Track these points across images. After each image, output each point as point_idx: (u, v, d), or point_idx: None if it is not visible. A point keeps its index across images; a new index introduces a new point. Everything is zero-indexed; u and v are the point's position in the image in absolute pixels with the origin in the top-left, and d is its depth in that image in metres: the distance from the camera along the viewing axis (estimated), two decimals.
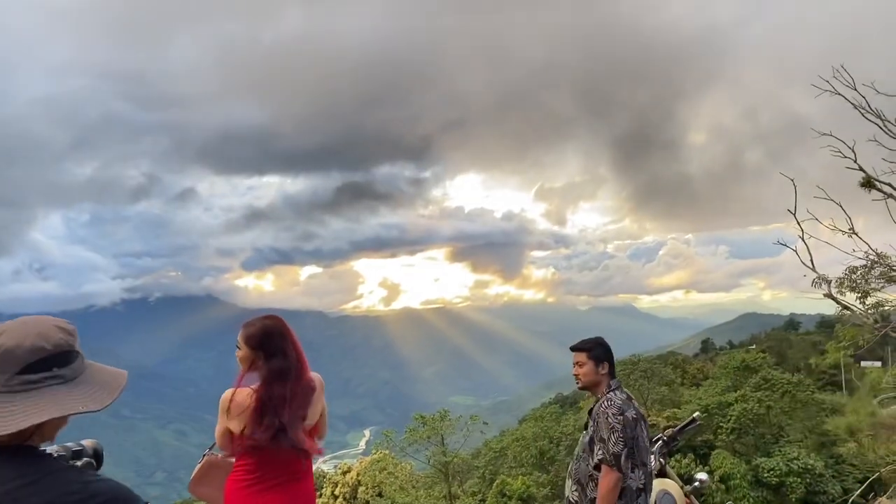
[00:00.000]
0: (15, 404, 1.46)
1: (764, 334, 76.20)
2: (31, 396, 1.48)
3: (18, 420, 1.45)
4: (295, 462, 2.90)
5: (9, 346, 1.49)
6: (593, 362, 3.67)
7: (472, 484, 39.74)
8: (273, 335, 2.94)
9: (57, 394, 1.51)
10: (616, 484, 3.39)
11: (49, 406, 1.49)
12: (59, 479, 1.49)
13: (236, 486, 2.89)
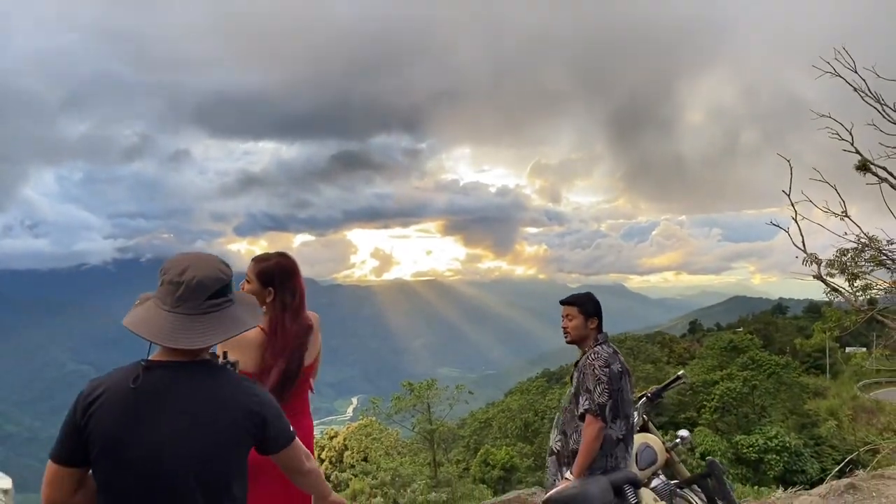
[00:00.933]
0: (209, 323, 1.79)
1: (751, 317, 76.86)
2: (216, 317, 1.81)
3: (212, 336, 1.78)
4: (295, 398, 2.89)
5: (200, 276, 1.80)
6: (583, 317, 3.71)
7: (457, 453, 40.20)
8: (287, 273, 2.92)
9: (233, 314, 1.86)
10: (599, 433, 3.46)
11: (234, 323, 1.84)
12: (243, 387, 1.85)
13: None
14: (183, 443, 1.73)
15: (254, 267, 2.91)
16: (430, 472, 33.74)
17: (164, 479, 1.72)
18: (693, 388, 36.26)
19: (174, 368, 1.79)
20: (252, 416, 1.80)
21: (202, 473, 1.74)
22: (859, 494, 6.00)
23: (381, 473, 32.02)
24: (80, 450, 1.73)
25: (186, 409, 1.75)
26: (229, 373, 1.88)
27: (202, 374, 1.81)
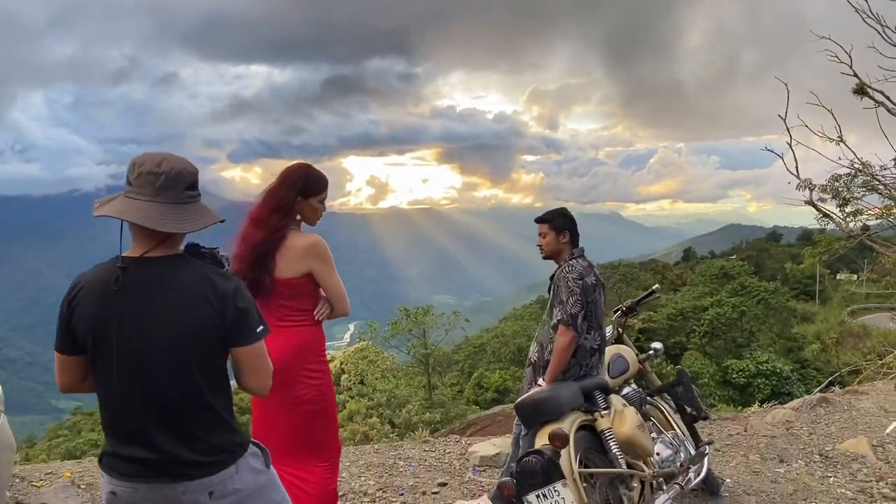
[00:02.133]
0: (190, 212, 1.85)
1: (745, 244, 77.30)
2: (193, 207, 1.87)
3: (197, 222, 1.85)
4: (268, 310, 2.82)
5: (178, 168, 1.85)
6: (554, 232, 3.74)
7: (452, 376, 41.06)
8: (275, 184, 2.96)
9: (204, 207, 1.92)
10: (570, 343, 3.52)
11: (209, 214, 1.90)
12: (216, 277, 1.87)
13: None
14: (157, 333, 1.79)
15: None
16: (425, 394, 34.57)
17: (141, 369, 1.80)
18: (683, 314, 36.79)
19: (149, 262, 1.85)
20: (221, 304, 1.83)
21: (177, 364, 1.80)
22: (831, 407, 6.20)
23: (376, 395, 32.80)
24: (70, 340, 1.86)
25: (159, 301, 1.81)
26: (203, 265, 1.91)
27: (176, 267, 1.86)
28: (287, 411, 2.85)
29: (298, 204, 2.97)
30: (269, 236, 2.90)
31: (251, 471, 1.94)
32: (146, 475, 1.82)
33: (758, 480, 4.51)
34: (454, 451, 5.28)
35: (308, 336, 2.93)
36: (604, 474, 3.20)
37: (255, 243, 2.88)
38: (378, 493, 4.27)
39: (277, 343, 2.78)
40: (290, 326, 2.89)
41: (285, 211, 2.95)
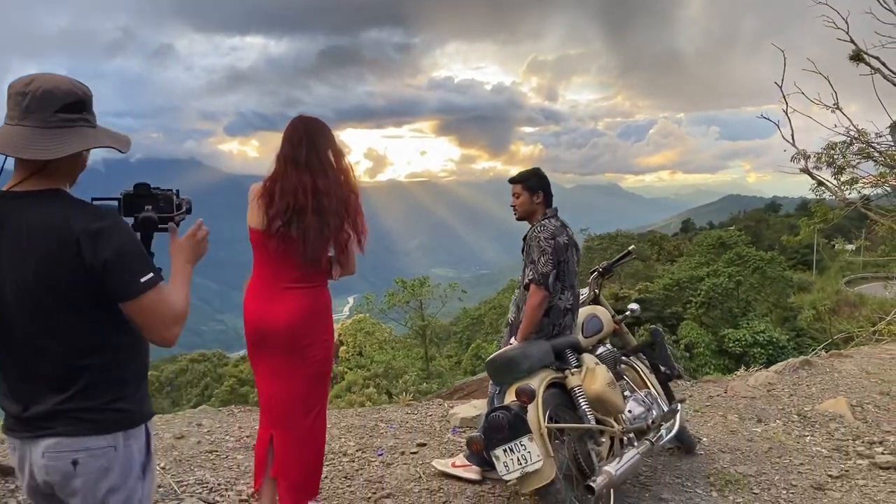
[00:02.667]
0: (56, 138, 1.62)
1: (743, 215, 77.18)
2: (67, 133, 1.64)
3: (66, 147, 1.62)
4: (305, 269, 2.78)
5: (48, 87, 1.64)
6: (528, 192, 3.72)
7: (450, 348, 41.30)
8: (296, 127, 2.83)
9: (89, 132, 1.69)
10: (541, 302, 3.52)
11: (88, 139, 1.67)
12: (83, 214, 1.63)
13: (249, 288, 2.90)
14: (5, 281, 1.60)
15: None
16: (423, 365, 34.84)
17: (5, 312, 1.62)
18: (679, 284, 36.84)
19: (14, 198, 1.65)
20: (83, 248, 1.58)
21: (27, 317, 1.61)
22: (813, 370, 6.23)
23: (374, 366, 33.08)
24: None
25: (10, 242, 1.60)
26: (73, 200, 1.68)
27: (43, 204, 1.63)
28: (297, 374, 2.85)
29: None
30: (315, 185, 2.77)
31: (125, 454, 1.71)
32: (17, 430, 1.68)
33: (734, 439, 4.55)
34: (436, 414, 5.32)
35: (326, 298, 2.94)
36: (572, 430, 3.22)
37: (292, 189, 2.74)
38: (357, 453, 4.31)
39: (297, 303, 2.80)
40: (310, 287, 2.86)
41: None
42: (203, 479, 3.72)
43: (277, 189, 2.73)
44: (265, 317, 2.79)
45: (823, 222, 16.06)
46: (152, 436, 1.82)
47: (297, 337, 2.79)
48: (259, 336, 2.82)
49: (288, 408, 2.88)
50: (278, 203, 2.71)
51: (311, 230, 2.69)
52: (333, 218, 2.73)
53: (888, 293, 24.01)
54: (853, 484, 3.88)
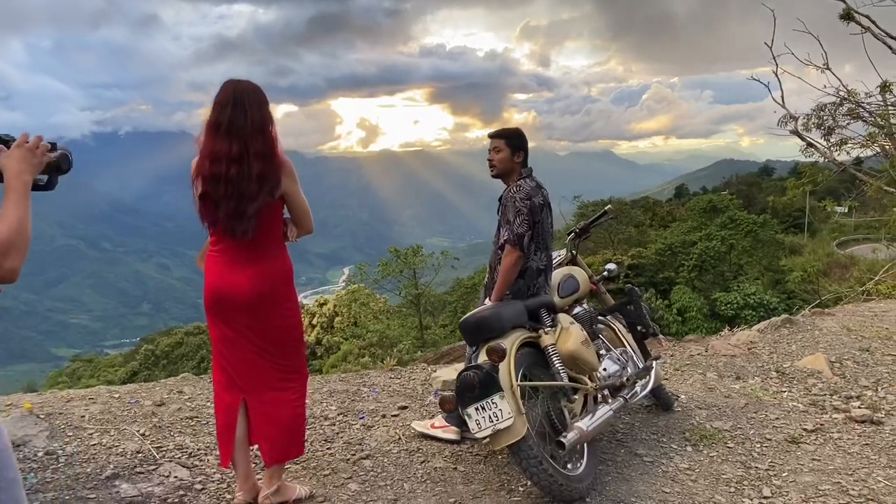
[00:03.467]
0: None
1: (736, 179, 77.10)
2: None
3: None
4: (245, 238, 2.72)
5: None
6: (510, 149, 3.69)
7: (445, 317, 41.42)
8: (221, 92, 2.70)
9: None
10: (516, 262, 3.52)
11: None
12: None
13: (209, 259, 2.86)
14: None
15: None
16: (417, 334, 35.01)
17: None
18: (672, 249, 36.96)
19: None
20: None
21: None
22: (795, 328, 6.28)
23: (368, 336, 33.24)
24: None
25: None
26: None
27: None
28: (261, 344, 2.85)
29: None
30: (230, 153, 2.67)
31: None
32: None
33: (711, 396, 4.60)
34: (419, 378, 5.35)
35: (282, 265, 2.90)
36: (545, 387, 3.25)
37: (210, 155, 2.67)
38: (339, 417, 4.34)
39: (253, 272, 2.77)
40: (265, 255, 2.82)
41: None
42: (183, 444, 3.75)
43: (200, 158, 2.69)
44: (223, 287, 2.76)
45: (812, 184, 16.03)
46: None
47: (257, 306, 2.76)
48: (218, 307, 2.79)
49: (260, 375, 2.88)
50: (200, 172, 2.67)
51: (227, 199, 2.63)
52: (252, 185, 2.63)
53: (879, 255, 24.13)
54: (828, 437, 3.93)
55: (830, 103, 14.14)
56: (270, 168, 2.66)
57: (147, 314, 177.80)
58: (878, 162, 14.30)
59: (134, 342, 73.03)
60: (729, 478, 3.40)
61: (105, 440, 3.74)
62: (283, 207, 2.84)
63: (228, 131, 2.64)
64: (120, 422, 4.06)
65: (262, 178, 2.64)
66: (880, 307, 7.51)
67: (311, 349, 36.77)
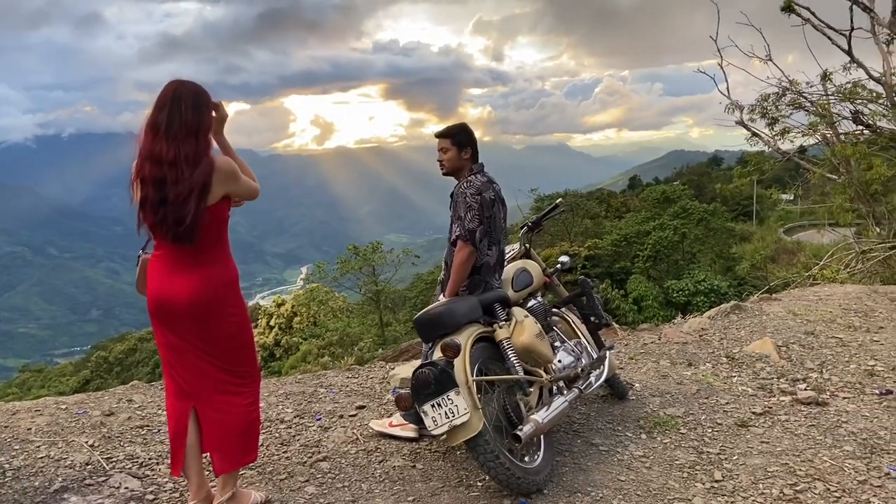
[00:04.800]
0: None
1: (687, 169, 78.77)
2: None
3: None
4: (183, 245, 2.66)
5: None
6: (456, 147, 3.69)
7: (406, 313, 41.33)
8: (164, 91, 2.63)
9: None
10: (468, 258, 3.52)
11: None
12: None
13: (150, 263, 2.77)
14: None
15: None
16: (378, 331, 34.86)
17: None
18: (627, 239, 37.54)
19: None
20: None
21: None
22: (743, 314, 6.43)
23: (328, 335, 32.96)
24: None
25: None
26: None
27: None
28: (208, 350, 2.78)
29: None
30: (164, 156, 2.61)
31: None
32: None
33: (664, 383, 4.69)
34: (377, 377, 5.32)
35: (225, 270, 2.83)
36: (501, 381, 3.26)
37: (146, 157, 2.60)
38: (295, 419, 4.29)
39: (195, 278, 2.69)
40: (205, 260, 2.72)
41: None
42: (133, 454, 3.66)
43: (140, 159, 2.62)
44: (164, 294, 2.68)
45: (759, 172, 16.43)
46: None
47: (199, 314, 2.69)
48: (160, 314, 2.71)
49: (209, 382, 2.81)
50: (140, 174, 2.61)
51: (166, 204, 2.57)
52: (186, 190, 2.55)
53: (823, 240, 24.89)
54: (775, 420, 4.04)
55: (773, 94, 14.49)
56: (200, 173, 2.59)
57: (97, 321, 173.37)
58: (821, 150, 14.70)
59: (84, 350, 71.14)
60: (682, 463, 3.46)
61: (53, 453, 3.63)
62: (227, 209, 2.78)
63: (167, 133, 2.57)
64: (68, 433, 3.94)
65: (193, 184, 2.57)
66: (824, 291, 7.75)
67: (270, 350, 36.33)
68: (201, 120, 2.64)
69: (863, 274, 11.42)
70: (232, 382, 2.86)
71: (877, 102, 12.33)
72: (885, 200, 12.88)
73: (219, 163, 2.66)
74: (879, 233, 11.96)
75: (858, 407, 4.20)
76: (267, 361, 34.81)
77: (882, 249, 11.38)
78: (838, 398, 4.37)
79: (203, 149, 2.63)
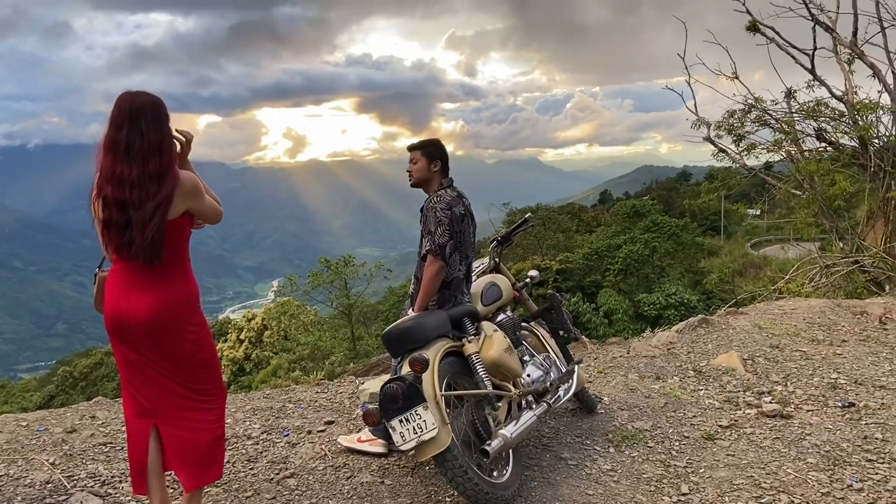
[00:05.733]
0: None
1: (656, 184, 79.90)
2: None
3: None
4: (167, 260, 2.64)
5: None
6: (426, 159, 3.71)
7: (378, 327, 41.09)
8: (116, 106, 2.58)
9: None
10: (438, 272, 3.53)
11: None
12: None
13: (108, 279, 2.71)
14: None
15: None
16: (350, 345, 34.60)
17: None
18: (598, 253, 37.89)
19: None
20: None
21: None
22: (710, 328, 6.52)
23: (299, 349, 32.64)
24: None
25: None
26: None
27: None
28: (169, 368, 2.73)
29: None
30: (124, 175, 2.55)
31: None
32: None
33: (633, 397, 4.72)
34: (346, 391, 5.28)
35: (190, 288, 2.79)
36: (469, 396, 3.26)
37: (106, 175, 2.57)
38: (262, 435, 4.23)
39: (153, 296, 2.63)
40: (165, 278, 2.67)
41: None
42: (96, 472, 3.58)
43: (101, 180, 2.57)
44: (122, 312, 2.63)
45: (726, 188, 16.70)
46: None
47: (157, 333, 2.63)
48: (118, 332, 2.66)
49: (171, 399, 2.76)
50: (102, 195, 2.56)
51: (131, 226, 2.53)
52: (151, 208, 2.52)
53: (789, 254, 25.36)
54: (741, 433, 4.09)
55: (740, 110, 14.78)
56: (167, 189, 2.56)
57: (62, 335, 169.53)
58: (786, 166, 15.00)
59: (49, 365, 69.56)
60: (649, 477, 3.49)
61: (12, 471, 3.54)
62: (189, 225, 2.74)
63: (127, 153, 2.53)
64: (28, 451, 3.85)
65: (159, 201, 2.54)
66: (789, 305, 7.89)
67: (240, 364, 35.85)
68: (163, 135, 2.60)
69: (826, 288, 11.65)
70: (195, 399, 2.81)
71: (839, 120, 12.65)
72: (848, 216, 13.18)
73: (182, 177, 2.63)
74: (842, 248, 12.21)
75: (822, 419, 4.27)
76: (237, 376, 34.35)
77: (845, 264, 11.63)
78: (802, 411, 4.44)
79: (167, 163, 2.59)
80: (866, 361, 5.48)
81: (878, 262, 11.31)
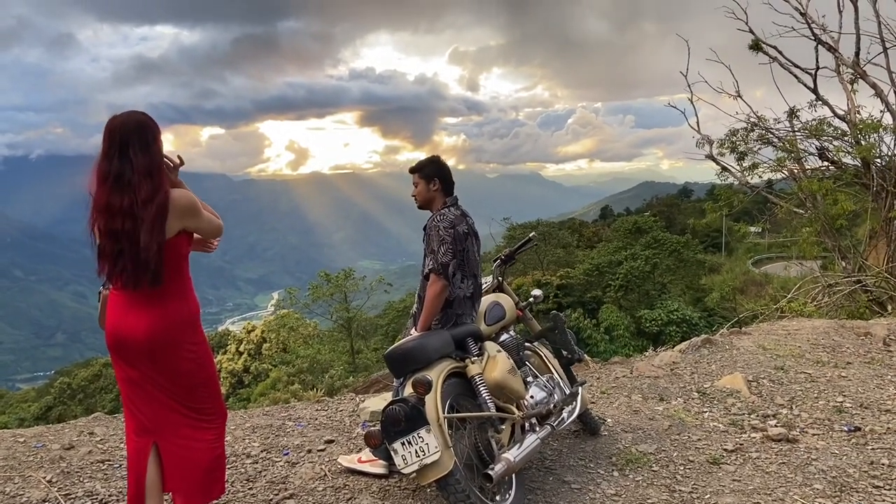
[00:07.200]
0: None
1: (657, 201, 79.93)
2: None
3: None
4: (169, 280, 2.65)
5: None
6: (424, 181, 3.71)
7: (377, 341, 40.99)
8: (108, 128, 2.58)
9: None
10: (441, 291, 3.50)
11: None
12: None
13: (109, 297, 2.72)
14: None
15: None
16: (349, 358, 34.48)
17: None
18: (599, 269, 37.84)
19: None
20: None
21: None
22: (714, 348, 6.47)
23: (298, 361, 32.51)
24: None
25: None
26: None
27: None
28: (168, 387, 2.71)
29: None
30: (117, 201, 2.58)
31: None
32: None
33: (636, 418, 4.67)
34: (347, 409, 5.23)
35: (190, 306, 2.77)
36: (472, 418, 3.22)
37: (99, 198, 2.63)
38: (262, 454, 4.19)
39: (152, 315, 2.62)
40: (164, 297, 2.66)
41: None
42: (93, 490, 3.53)
43: (95, 210, 2.59)
44: (122, 331, 2.63)
45: (728, 206, 16.70)
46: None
47: (157, 352, 2.63)
48: (118, 350, 2.65)
49: (171, 418, 2.74)
50: (97, 225, 2.58)
51: (126, 255, 2.54)
52: (146, 234, 2.52)
53: (791, 272, 25.29)
54: (747, 457, 4.04)
55: (742, 129, 14.81)
56: (159, 212, 2.55)
57: (62, 345, 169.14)
58: (788, 185, 14.99)
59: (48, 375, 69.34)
60: (654, 502, 3.43)
61: (8, 489, 3.50)
62: (187, 243, 2.73)
63: (117, 182, 2.53)
64: (25, 468, 3.80)
65: (153, 225, 2.53)
66: (793, 325, 7.83)
67: (239, 377, 35.71)
68: (153, 158, 2.59)
69: (829, 307, 11.60)
70: (194, 418, 2.79)
71: (841, 139, 12.66)
72: (850, 235, 13.16)
73: (175, 196, 2.61)
74: (845, 267, 12.18)
75: (828, 444, 4.22)
76: (235, 388, 34.20)
77: (847, 284, 11.58)
78: (808, 435, 4.39)
79: (157, 185, 2.57)
80: (871, 384, 5.44)
81: (881, 282, 11.28)
